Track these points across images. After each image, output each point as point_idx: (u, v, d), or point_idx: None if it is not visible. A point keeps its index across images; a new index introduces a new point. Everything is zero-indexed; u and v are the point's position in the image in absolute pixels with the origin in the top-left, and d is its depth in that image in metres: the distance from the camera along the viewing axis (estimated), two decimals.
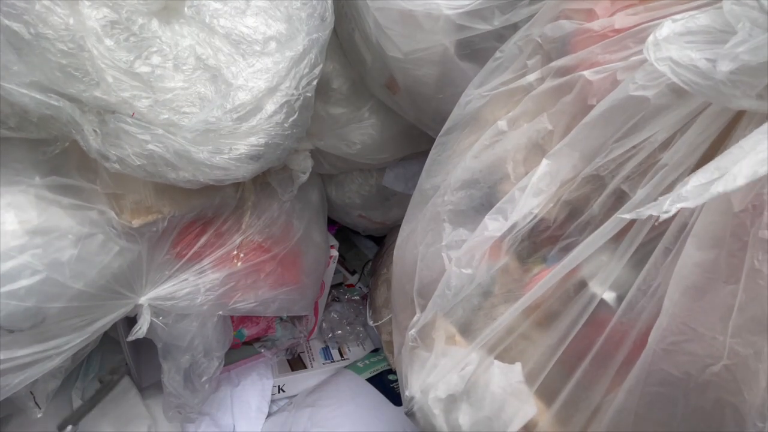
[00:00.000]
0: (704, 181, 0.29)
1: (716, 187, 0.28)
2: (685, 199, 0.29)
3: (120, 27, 0.53)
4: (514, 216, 0.44)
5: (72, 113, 0.52)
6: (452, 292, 0.48)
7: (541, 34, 0.48)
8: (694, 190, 0.29)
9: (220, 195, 0.75)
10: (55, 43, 0.48)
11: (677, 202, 0.29)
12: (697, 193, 0.29)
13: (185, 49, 0.57)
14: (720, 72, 0.30)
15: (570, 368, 0.42)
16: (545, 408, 0.44)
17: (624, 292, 0.39)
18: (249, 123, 0.61)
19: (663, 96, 0.35)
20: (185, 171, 0.59)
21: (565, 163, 0.43)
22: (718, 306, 0.33)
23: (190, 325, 0.82)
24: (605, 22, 0.42)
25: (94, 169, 0.63)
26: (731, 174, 0.27)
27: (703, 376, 0.33)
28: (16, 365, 0.63)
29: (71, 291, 0.61)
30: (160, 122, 0.55)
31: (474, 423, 0.46)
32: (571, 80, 0.43)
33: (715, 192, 0.28)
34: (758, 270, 0.31)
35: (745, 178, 0.27)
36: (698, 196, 0.28)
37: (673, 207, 0.29)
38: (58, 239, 0.59)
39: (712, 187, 0.28)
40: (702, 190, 0.28)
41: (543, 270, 0.46)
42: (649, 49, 0.33)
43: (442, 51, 0.63)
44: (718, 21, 0.32)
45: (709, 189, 0.28)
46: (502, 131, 0.49)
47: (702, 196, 0.28)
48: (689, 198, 0.29)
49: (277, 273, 0.88)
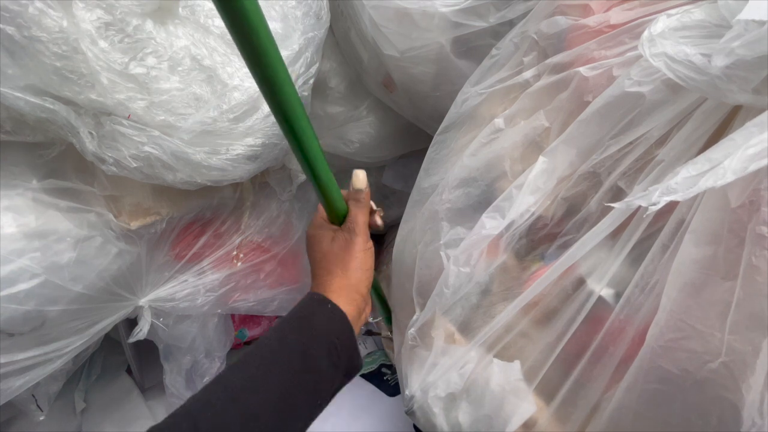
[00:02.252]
0: (694, 173, 0.28)
1: (705, 181, 0.27)
2: (674, 192, 0.29)
3: (114, 28, 0.53)
4: (511, 214, 0.44)
5: (68, 116, 0.52)
6: (451, 291, 0.48)
7: (537, 30, 0.47)
8: (683, 182, 0.28)
9: (219, 196, 0.75)
10: (49, 46, 0.48)
11: (666, 194, 0.29)
12: (686, 186, 0.28)
13: (180, 49, 0.57)
14: (715, 67, 0.30)
15: (569, 366, 0.42)
16: (544, 405, 0.44)
17: (622, 289, 0.39)
18: (245, 123, 0.61)
19: (658, 92, 0.35)
20: (182, 172, 0.59)
21: (561, 160, 0.42)
22: (716, 302, 0.33)
23: (191, 326, 0.82)
24: (601, 18, 0.41)
25: (92, 171, 0.63)
26: (722, 168, 0.27)
27: (701, 373, 0.33)
28: (17, 368, 0.63)
29: (70, 294, 0.61)
30: (156, 124, 0.55)
31: (474, 421, 0.46)
32: (567, 77, 0.43)
33: (704, 186, 0.27)
34: (756, 266, 0.31)
35: (734, 173, 0.27)
36: (687, 189, 0.28)
37: (662, 199, 0.29)
38: (56, 242, 0.59)
39: (702, 180, 0.28)
40: (691, 183, 0.28)
41: (541, 267, 0.46)
42: (644, 44, 0.33)
43: (438, 49, 0.63)
44: (712, 16, 0.31)
45: (698, 182, 0.28)
46: (499, 129, 0.49)
47: (691, 190, 0.28)
48: (678, 190, 0.28)
49: (277, 273, 0.88)
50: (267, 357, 0.41)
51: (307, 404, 0.41)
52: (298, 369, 0.41)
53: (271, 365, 0.40)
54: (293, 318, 0.45)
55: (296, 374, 0.40)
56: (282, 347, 0.42)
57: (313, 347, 0.42)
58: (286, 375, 0.40)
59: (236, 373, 0.40)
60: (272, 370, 0.40)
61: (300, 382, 0.40)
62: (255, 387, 0.38)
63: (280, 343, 0.42)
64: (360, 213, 0.52)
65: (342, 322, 0.45)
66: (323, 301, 0.46)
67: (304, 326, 0.44)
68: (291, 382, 0.40)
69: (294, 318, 0.45)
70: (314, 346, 0.42)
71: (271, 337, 0.43)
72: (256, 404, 0.37)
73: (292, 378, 0.40)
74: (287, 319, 0.45)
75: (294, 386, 0.40)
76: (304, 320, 0.44)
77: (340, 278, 0.49)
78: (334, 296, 0.47)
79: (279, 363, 0.40)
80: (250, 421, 0.37)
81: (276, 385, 0.39)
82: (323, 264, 0.51)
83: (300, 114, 0.40)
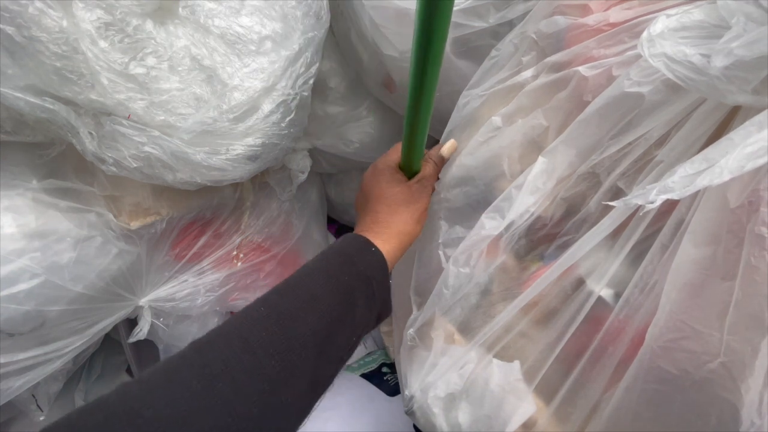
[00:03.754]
0: (691, 172, 0.28)
1: (702, 180, 0.27)
2: (671, 190, 0.29)
3: (114, 29, 0.53)
4: (511, 214, 0.44)
5: (67, 116, 0.52)
6: (450, 291, 0.48)
7: (537, 30, 0.47)
8: (680, 181, 0.29)
9: (219, 196, 0.75)
10: (49, 46, 0.48)
11: (663, 192, 0.29)
12: (683, 185, 0.28)
13: (180, 49, 0.57)
14: (715, 67, 0.30)
15: (568, 366, 0.42)
16: (544, 406, 0.44)
17: (621, 289, 0.39)
18: (246, 123, 0.61)
19: (658, 92, 0.35)
20: (182, 172, 0.59)
21: (561, 160, 0.42)
22: (715, 303, 0.33)
23: (191, 326, 0.82)
24: (600, 17, 0.41)
25: (92, 171, 0.63)
26: (718, 167, 0.27)
27: (700, 373, 0.33)
28: (17, 368, 0.63)
29: (70, 294, 0.61)
30: (156, 124, 0.55)
31: (473, 421, 0.46)
32: (566, 76, 0.43)
33: (701, 184, 0.27)
34: (754, 266, 0.31)
35: (731, 172, 0.27)
36: (684, 188, 0.28)
37: (659, 197, 0.29)
38: (56, 242, 0.59)
39: (698, 179, 0.28)
40: (688, 182, 0.28)
41: (540, 268, 0.46)
42: (644, 45, 0.33)
43: None
44: (712, 16, 0.31)
45: (695, 181, 0.28)
46: (496, 127, 0.49)
47: (688, 188, 0.28)
48: (675, 189, 0.28)
49: (277, 273, 0.88)
50: (314, 290, 0.42)
51: (345, 339, 0.43)
52: (340, 308, 0.42)
53: (316, 300, 0.41)
54: (339, 253, 0.46)
55: (339, 312, 0.42)
56: (328, 283, 0.43)
57: (356, 288, 0.44)
58: (330, 311, 0.41)
59: (284, 299, 0.41)
60: (318, 305, 0.41)
61: (341, 318, 0.42)
62: (303, 318, 0.39)
63: (327, 279, 0.43)
64: (434, 176, 0.54)
65: (381, 266, 0.47)
66: (367, 244, 0.47)
67: (347, 263, 0.45)
68: (333, 318, 0.41)
69: (340, 254, 0.46)
70: (358, 287, 0.44)
71: (317, 269, 0.44)
72: (302, 335, 0.38)
73: (335, 314, 0.41)
74: (335, 253, 0.46)
75: (336, 323, 0.41)
76: (348, 258, 0.46)
77: (396, 224, 0.50)
78: (383, 236, 0.48)
79: (324, 298, 0.41)
80: (296, 349, 0.38)
81: (319, 319, 0.40)
82: (387, 203, 0.51)
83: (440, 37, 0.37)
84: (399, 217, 0.50)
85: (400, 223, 0.50)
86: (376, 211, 0.51)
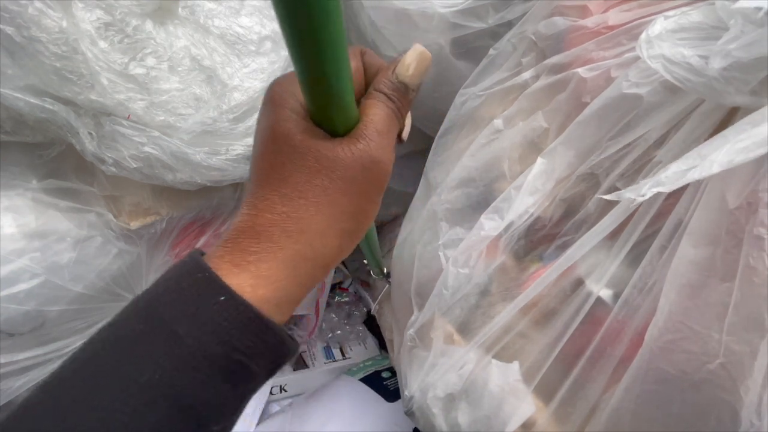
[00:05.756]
0: (684, 168, 0.29)
1: (692, 174, 0.28)
2: (663, 184, 0.29)
3: (114, 29, 0.53)
4: (510, 215, 0.44)
5: (67, 116, 0.52)
6: (450, 292, 0.48)
7: (535, 31, 0.47)
8: (672, 176, 0.29)
9: (219, 196, 0.75)
10: (48, 46, 0.48)
11: (654, 186, 0.29)
12: (674, 179, 0.29)
13: (180, 50, 0.57)
14: (713, 69, 0.30)
15: (567, 366, 0.42)
16: (543, 406, 0.44)
17: (620, 290, 0.39)
18: (245, 123, 0.61)
19: (656, 93, 0.35)
20: (182, 173, 0.59)
21: (560, 161, 0.43)
22: (714, 303, 0.33)
23: None
24: (599, 19, 0.41)
25: (92, 171, 0.63)
26: (708, 161, 0.27)
27: (699, 374, 0.33)
28: (17, 369, 0.63)
29: (71, 294, 0.61)
30: (156, 124, 0.55)
31: (473, 422, 0.47)
32: (566, 78, 0.43)
33: (691, 178, 0.28)
34: (753, 267, 0.31)
35: (720, 165, 0.27)
36: (675, 182, 0.28)
37: (650, 191, 0.29)
38: (56, 242, 0.59)
39: (689, 173, 0.28)
40: (680, 176, 0.28)
41: (540, 268, 0.46)
42: (642, 46, 0.33)
43: (437, 50, 0.63)
44: (710, 17, 0.31)
45: (686, 175, 0.28)
46: (498, 129, 0.49)
47: (678, 182, 0.28)
48: (666, 183, 0.29)
49: None
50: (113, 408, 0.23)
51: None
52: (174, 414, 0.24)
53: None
54: (163, 327, 0.25)
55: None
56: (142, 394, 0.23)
57: (200, 396, 0.24)
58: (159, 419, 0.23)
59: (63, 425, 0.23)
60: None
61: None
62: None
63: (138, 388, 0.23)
64: (392, 120, 0.30)
65: (247, 326, 0.25)
66: (228, 299, 0.25)
67: (176, 355, 0.24)
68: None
69: (164, 328, 0.24)
70: (202, 394, 0.24)
71: (120, 361, 0.24)
72: None
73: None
74: (158, 323, 0.25)
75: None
76: (178, 340, 0.24)
77: (308, 233, 0.27)
78: (271, 262, 0.26)
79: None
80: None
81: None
82: (298, 186, 0.27)
83: None
84: (318, 217, 0.27)
85: (316, 234, 0.27)
86: (274, 200, 0.27)
